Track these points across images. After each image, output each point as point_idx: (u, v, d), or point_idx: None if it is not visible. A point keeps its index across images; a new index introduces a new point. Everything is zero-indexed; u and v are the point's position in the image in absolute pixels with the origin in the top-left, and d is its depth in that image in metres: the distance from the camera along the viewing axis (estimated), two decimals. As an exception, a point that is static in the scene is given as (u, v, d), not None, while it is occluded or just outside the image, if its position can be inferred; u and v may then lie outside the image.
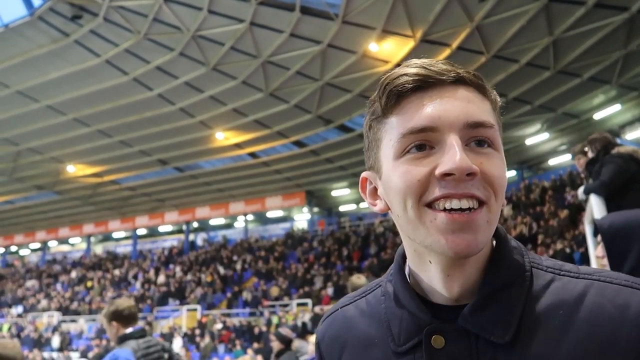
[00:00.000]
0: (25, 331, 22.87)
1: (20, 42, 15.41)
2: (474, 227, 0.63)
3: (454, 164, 0.62)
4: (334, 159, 21.93)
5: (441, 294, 0.70)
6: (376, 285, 0.80)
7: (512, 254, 0.71)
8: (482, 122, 0.66)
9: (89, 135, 20.28)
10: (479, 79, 0.70)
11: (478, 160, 0.65)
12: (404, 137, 0.67)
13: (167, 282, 24.25)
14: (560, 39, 13.66)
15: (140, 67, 16.46)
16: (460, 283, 0.68)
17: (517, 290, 0.68)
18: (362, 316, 0.77)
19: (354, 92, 16.95)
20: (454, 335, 0.67)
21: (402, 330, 0.70)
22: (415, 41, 14.21)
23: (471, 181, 0.64)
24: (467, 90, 0.68)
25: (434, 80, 0.67)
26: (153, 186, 25.42)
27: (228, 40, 15.10)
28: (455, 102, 0.66)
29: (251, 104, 18.00)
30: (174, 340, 18.53)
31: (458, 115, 0.66)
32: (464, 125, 0.65)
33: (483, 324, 0.66)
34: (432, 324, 0.68)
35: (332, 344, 0.79)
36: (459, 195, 0.63)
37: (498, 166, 0.66)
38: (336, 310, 0.82)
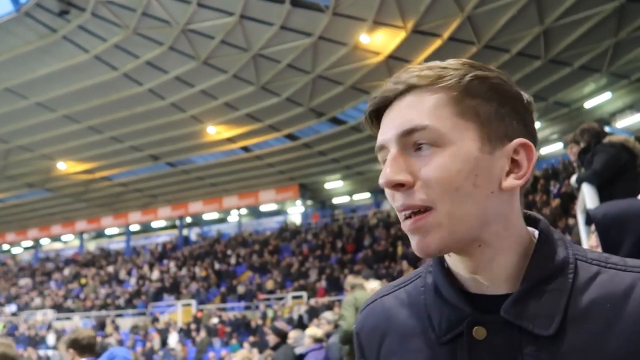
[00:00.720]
0: (19, 329, 22.78)
1: (7, 39, 15.21)
2: (421, 230, 0.66)
3: (382, 178, 0.67)
4: (327, 152, 21.93)
5: (472, 284, 0.70)
6: (415, 276, 0.80)
7: (555, 245, 0.70)
8: (413, 127, 0.66)
9: (80, 131, 20.12)
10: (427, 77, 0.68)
11: (418, 165, 0.66)
12: (377, 154, 0.73)
13: (162, 278, 24.22)
14: (551, 28, 13.69)
15: (130, 62, 16.32)
16: (483, 276, 0.69)
17: (562, 282, 0.67)
18: (402, 306, 0.77)
19: (346, 85, 16.91)
20: (496, 327, 0.66)
21: (442, 321, 0.70)
22: (406, 32, 14.18)
23: (406, 191, 0.66)
24: (414, 94, 0.69)
25: (384, 99, 0.71)
26: (145, 182, 25.30)
27: (218, 33, 14.99)
28: (395, 115, 0.69)
29: (242, 98, 17.92)
30: (170, 335, 18.55)
31: (392, 129, 0.68)
32: (398, 137, 0.67)
33: (526, 316, 0.65)
34: (474, 315, 0.67)
35: (371, 333, 0.79)
36: (397, 207, 0.67)
37: (438, 166, 0.65)
38: (375, 300, 0.82)
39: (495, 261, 0.68)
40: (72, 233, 32.57)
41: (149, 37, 15.37)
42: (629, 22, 13.47)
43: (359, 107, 18.64)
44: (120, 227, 31.34)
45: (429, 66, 0.70)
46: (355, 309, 4.73)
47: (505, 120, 0.68)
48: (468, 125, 0.67)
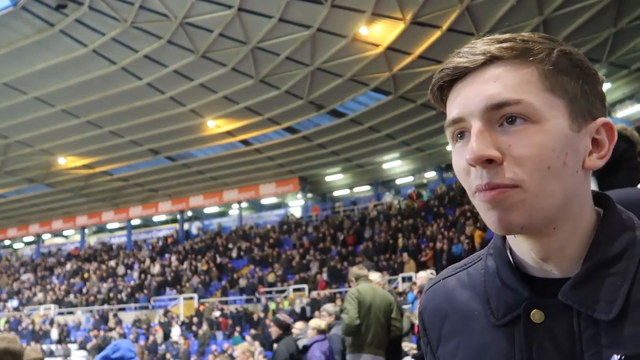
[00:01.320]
0: (22, 324, 22.88)
1: (5, 33, 15.16)
2: (503, 205, 0.63)
3: (470, 154, 0.63)
4: (327, 144, 21.91)
5: (535, 268, 0.69)
6: (477, 258, 0.79)
7: (621, 226, 0.68)
8: (505, 100, 0.63)
9: (79, 126, 20.09)
10: (516, 48, 0.66)
11: (507, 142, 0.63)
12: (447, 129, 0.69)
13: (163, 272, 24.29)
14: (550, 19, 13.64)
15: (128, 56, 16.27)
16: (550, 258, 0.67)
17: (625, 264, 0.65)
18: (463, 288, 0.77)
19: (345, 77, 16.87)
20: (554, 310, 0.65)
21: (500, 304, 0.70)
22: (405, 23, 14.13)
23: (495, 168, 0.63)
24: (499, 67, 0.65)
25: (462, 69, 0.67)
26: (145, 176, 25.31)
27: (216, 26, 14.93)
28: (479, 86, 0.65)
29: (241, 91, 17.88)
30: (172, 328, 18.64)
31: (478, 102, 0.65)
32: (484, 111, 0.64)
33: (585, 300, 0.64)
34: (532, 298, 0.67)
35: (434, 314, 0.80)
36: (483, 187, 0.63)
37: (531, 143, 0.63)
38: (438, 282, 0.82)
39: (567, 245, 0.67)
40: (73, 228, 32.63)
41: (147, 30, 15.31)
42: (628, 11, 13.41)
43: (358, 99, 18.60)
44: (121, 221, 31.39)
45: (509, 38, 0.67)
46: (359, 302, 4.73)
47: (590, 99, 0.68)
48: (558, 101, 0.65)
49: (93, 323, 21.48)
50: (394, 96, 17.72)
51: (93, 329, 20.46)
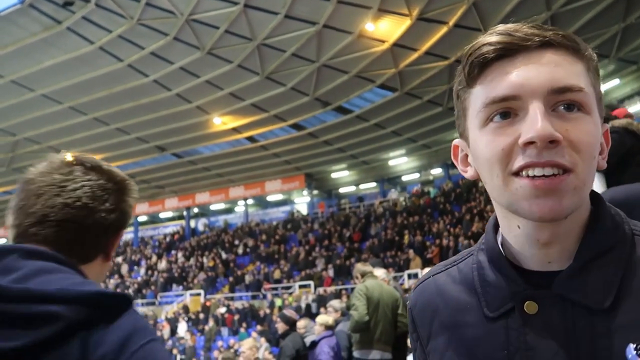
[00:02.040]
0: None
1: (13, 31, 15.23)
2: (557, 192, 0.62)
3: (534, 132, 0.61)
4: (333, 141, 21.88)
5: (533, 260, 0.69)
6: (468, 254, 0.80)
7: (612, 219, 0.69)
8: (570, 86, 0.64)
9: (86, 123, 20.19)
10: (570, 39, 0.67)
11: (564, 126, 0.63)
12: (487, 107, 0.66)
13: (170, 268, 24.42)
14: (558, 14, 13.52)
15: (135, 53, 16.31)
16: (553, 248, 0.68)
17: (617, 256, 0.67)
18: (454, 283, 0.78)
19: (351, 73, 16.83)
20: (548, 301, 0.66)
21: (494, 296, 0.71)
22: (411, 19, 14.06)
23: (555, 149, 0.62)
24: (555, 53, 0.66)
25: (517, 47, 0.66)
26: (152, 173, 25.41)
27: (222, 23, 14.93)
28: (540, 67, 0.65)
29: (247, 88, 17.89)
30: (179, 324, 18.74)
31: (542, 82, 0.64)
32: (548, 92, 0.64)
33: (580, 290, 0.65)
34: (526, 290, 0.68)
35: (424, 309, 0.80)
36: (542, 163, 0.62)
37: (587, 131, 0.64)
38: (428, 278, 0.83)
39: (567, 234, 0.68)
40: (80, 224, 32.81)
41: (153, 27, 15.34)
42: (637, 7, 13.27)
43: (364, 95, 18.56)
44: (127, 218, 31.49)
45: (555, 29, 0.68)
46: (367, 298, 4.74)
47: (602, 103, 0.70)
48: (595, 99, 0.67)
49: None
50: (400, 93, 17.66)
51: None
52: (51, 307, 0.75)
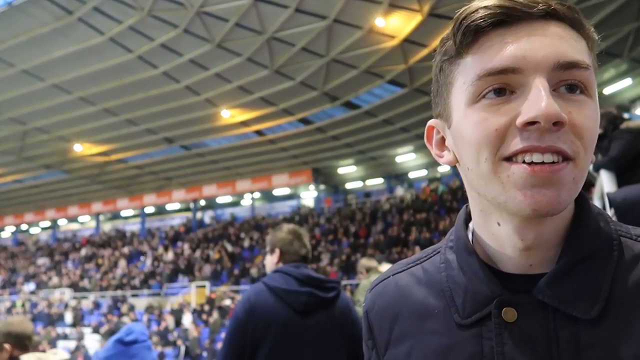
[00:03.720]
0: (38, 307, 23.34)
1: (24, 20, 15.30)
2: (557, 183, 0.55)
3: (539, 110, 0.54)
4: (340, 136, 21.85)
5: (512, 262, 0.62)
6: (433, 252, 0.73)
7: (596, 219, 0.63)
8: (577, 61, 0.57)
9: (95, 114, 20.29)
10: (575, 12, 0.60)
11: (567, 108, 0.56)
12: (480, 80, 0.58)
13: (176, 259, 24.56)
14: (571, 12, 13.37)
15: (145, 44, 16.34)
16: (536, 249, 0.61)
17: (604, 259, 0.60)
18: (419, 285, 0.70)
19: (360, 68, 16.77)
20: (529, 308, 0.60)
21: (467, 301, 0.63)
22: (422, 15, 13.97)
23: (557, 132, 0.55)
24: (560, 26, 0.59)
25: (519, 13, 0.58)
26: (160, 164, 25.52)
27: (232, 16, 14.91)
28: (544, 39, 0.57)
29: (256, 81, 17.88)
30: (184, 316, 18.86)
31: (547, 55, 0.56)
32: (553, 66, 0.56)
33: (564, 297, 0.58)
34: (503, 295, 0.61)
35: (382, 313, 0.72)
36: (543, 148, 0.55)
37: (590, 116, 0.57)
38: (387, 278, 0.75)
39: (550, 235, 0.61)
40: (88, 214, 33.08)
41: (163, 19, 15.35)
42: (652, 5, 13.09)
43: (373, 91, 18.49)
44: (135, 209, 31.74)
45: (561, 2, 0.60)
46: None
47: None
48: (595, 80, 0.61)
49: (106, 308, 21.82)
50: (409, 89, 17.58)
51: (107, 314, 20.79)
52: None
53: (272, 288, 2.26)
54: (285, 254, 2.47)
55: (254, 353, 2.15)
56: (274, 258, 2.50)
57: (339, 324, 2.28)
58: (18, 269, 29.77)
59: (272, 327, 2.17)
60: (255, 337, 2.15)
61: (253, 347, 2.15)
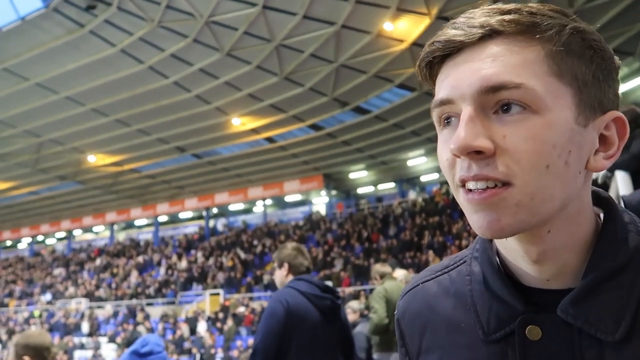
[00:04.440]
0: (55, 317, 23.56)
1: (37, 35, 15.57)
2: (493, 207, 0.54)
3: (453, 143, 0.55)
4: (351, 141, 21.84)
5: (529, 275, 0.61)
6: (460, 261, 0.71)
7: (625, 231, 0.59)
8: (503, 83, 0.54)
9: (108, 124, 20.53)
10: (520, 23, 0.56)
11: (501, 132, 0.54)
12: (433, 111, 0.62)
13: (190, 268, 24.66)
14: (582, 11, 13.24)
15: (155, 55, 16.52)
16: (546, 266, 0.59)
17: (631, 277, 0.57)
18: (446, 295, 0.69)
19: (370, 73, 16.77)
20: (553, 327, 0.58)
21: (491, 317, 0.62)
22: (430, 18, 13.95)
23: (486, 160, 0.54)
24: (500, 43, 0.56)
25: (459, 44, 0.58)
26: (172, 173, 25.70)
27: (241, 25, 15.02)
28: (474, 64, 0.56)
29: (266, 89, 17.96)
30: (199, 324, 18.91)
31: (471, 83, 0.55)
32: (478, 93, 0.55)
33: (588, 317, 0.56)
34: (527, 313, 0.59)
35: (413, 322, 0.72)
36: (471, 177, 0.55)
37: (528, 136, 0.54)
38: (417, 285, 0.74)
39: (562, 251, 0.59)
40: (102, 224, 33.40)
41: (173, 29, 15.51)
42: (664, 2, 12.94)
43: (382, 95, 18.47)
44: (148, 218, 31.97)
45: (514, 9, 0.57)
46: (386, 300, 4.71)
47: (602, 87, 0.58)
48: (565, 89, 0.56)
49: (122, 317, 21.96)
50: (419, 92, 17.53)
51: (123, 323, 20.92)
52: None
53: (303, 292, 2.72)
54: (292, 267, 2.91)
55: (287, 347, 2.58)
56: (284, 271, 2.93)
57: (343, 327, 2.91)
58: (35, 279, 30.11)
59: (306, 325, 2.65)
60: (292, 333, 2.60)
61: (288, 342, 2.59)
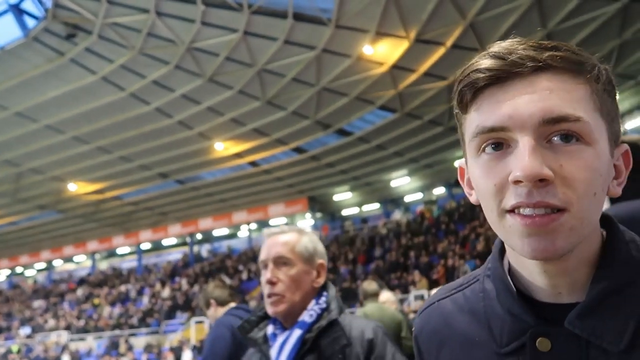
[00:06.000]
0: (34, 351, 22.81)
1: (17, 64, 15.47)
2: (550, 232, 0.58)
3: (521, 170, 0.57)
4: (335, 163, 21.93)
5: (542, 291, 0.65)
6: (474, 279, 0.76)
7: (628, 248, 0.64)
8: (565, 116, 0.58)
9: (89, 152, 20.32)
10: (570, 61, 0.60)
11: (558, 161, 0.58)
12: (477, 137, 0.62)
13: (174, 296, 24.21)
14: (554, 32, 13.66)
15: (137, 82, 16.51)
16: (562, 280, 0.63)
17: (635, 291, 0.61)
18: (461, 312, 0.73)
19: (351, 96, 16.96)
20: (562, 339, 0.62)
21: (504, 331, 0.66)
22: (409, 41, 14.23)
23: (546, 187, 0.57)
24: (553, 77, 0.60)
25: (508, 73, 0.60)
26: (155, 200, 25.43)
27: (223, 50, 15.14)
28: (532, 96, 0.59)
29: (249, 113, 18.02)
30: (183, 353, 18.47)
31: (532, 113, 0.58)
32: (539, 124, 0.58)
33: (594, 329, 0.61)
34: (538, 326, 0.63)
35: (430, 339, 0.76)
36: (532, 204, 0.57)
37: (584, 166, 0.58)
38: (433, 304, 0.79)
39: (577, 268, 0.63)
40: (84, 253, 32.74)
41: (154, 56, 15.55)
42: (633, 22, 13.41)
43: (365, 117, 18.67)
44: (131, 246, 31.46)
45: (558, 46, 0.61)
46: None
47: (618, 121, 0.65)
48: (602, 123, 0.61)
49: (104, 349, 21.36)
50: (400, 113, 17.76)
51: (104, 355, 20.33)
52: None
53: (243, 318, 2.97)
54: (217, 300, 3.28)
55: None
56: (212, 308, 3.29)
57: None
58: (14, 312, 29.22)
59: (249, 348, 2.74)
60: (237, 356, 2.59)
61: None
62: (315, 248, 1.70)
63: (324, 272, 1.70)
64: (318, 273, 1.68)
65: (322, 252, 1.73)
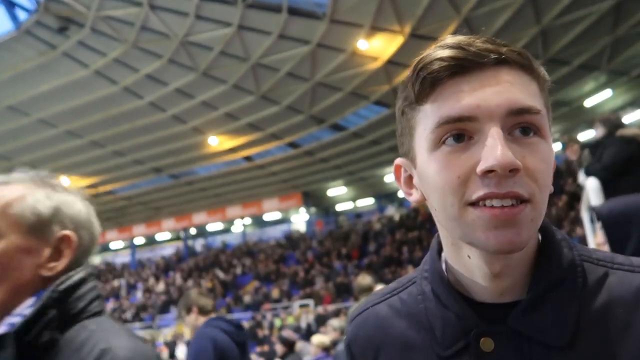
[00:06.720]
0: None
1: (8, 57, 15.31)
2: (517, 223, 0.58)
3: (495, 159, 0.56)
4: (329, 159, 21.93)
5: (484, 291, 0.65)
6: (409, 282, 0.75)
7: (561, 247, 0.66)
8: (527, 108, 0.59)
9: (82, 146, 20.19)
10: (525, 57, 0.62)
11: (521, 153, 0.59)
12: (439, 127, 0.61)
13: (168, 290, 24.19)
14: (549, 28, 13.71)
15: (130, 76, 16.40)
16: (505, 280, 0.64)
17: (571, 287, 0.63)
18: (398, 316, 0.72)
19: (346, 91, 16.95)
20: (505, 338, 0.62)
21: (446, 333, 0.66)
22: (404, 36, 14.22)
23: (514, 178, 0.58)
24: (511, 71, 0.61)
25: (471, 63, 0.61)
26: (149, 194, 25.34)
27: (217, 44, 15.06)
28: (496, 87, 0.60)
29: (243, 108, 17.96)
30: (178, 348, 18.48)
31: (500, 103, 0.59)
32: (506, 113, 0.59)
33: (536, 326, 0.62)
34: (480, 326, 0.63)
35: (365, 346, 0.74)
36: (502, 194, 0.58)
37: (543, 158, 0.60)
38: (367, 309, 0.77)
39: (518, 264, 0.64)
40: (77, 248, 32.57)
41: (148, 50, 15.45)
42: (626, 18, 13.47)
43: (359, 112, 18.66)
44: (125, 240, 31.36)
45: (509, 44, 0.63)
46: None
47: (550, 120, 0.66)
48: (548, 119, 0.64)
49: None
50: (394, 109, 17.74)
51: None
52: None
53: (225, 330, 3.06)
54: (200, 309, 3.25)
55: None
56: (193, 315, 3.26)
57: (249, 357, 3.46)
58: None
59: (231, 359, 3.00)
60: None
61: None
62: (57, 209, 1.02)
63: (69, 251, 1.00)
64: (57, 251, 0.99)
65: (72, 217, 1.05)
